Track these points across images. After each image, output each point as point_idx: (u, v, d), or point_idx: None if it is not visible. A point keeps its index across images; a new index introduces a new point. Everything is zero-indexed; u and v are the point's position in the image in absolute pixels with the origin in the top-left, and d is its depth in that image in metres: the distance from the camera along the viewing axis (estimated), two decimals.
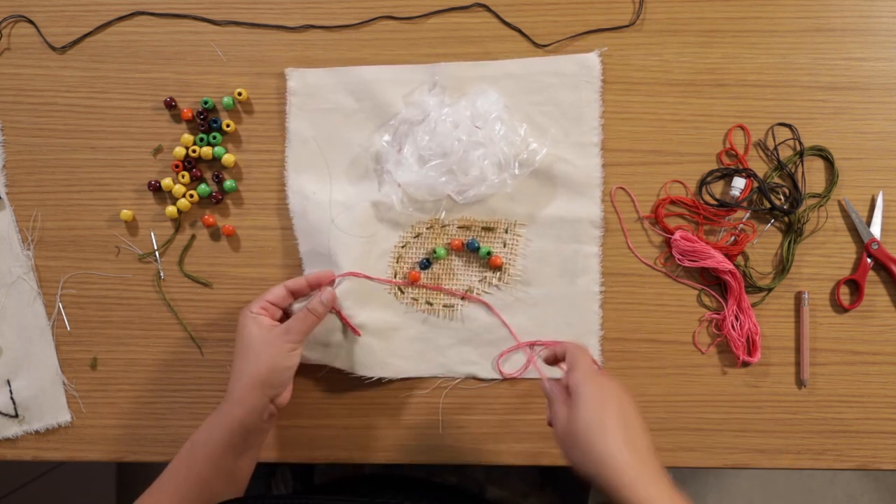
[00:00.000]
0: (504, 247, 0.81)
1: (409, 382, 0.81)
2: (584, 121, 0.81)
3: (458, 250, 0.81)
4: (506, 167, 0.78)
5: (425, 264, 0.81)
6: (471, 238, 0.81)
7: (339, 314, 0.77)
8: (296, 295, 0.74)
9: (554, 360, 0.69)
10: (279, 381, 0.70)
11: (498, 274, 0.81)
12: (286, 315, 0.75)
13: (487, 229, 0.81)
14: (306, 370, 0.80)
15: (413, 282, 0.80)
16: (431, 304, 0.81)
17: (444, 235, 0.81)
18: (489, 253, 0.80)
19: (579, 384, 0.61)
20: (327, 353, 0.79)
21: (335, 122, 0.82)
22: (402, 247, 0.81)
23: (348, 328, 0.77)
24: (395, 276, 0.81)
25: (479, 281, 0.81)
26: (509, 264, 0.81)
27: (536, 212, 0.80)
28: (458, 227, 0.81)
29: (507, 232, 0.81)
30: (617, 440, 0.58)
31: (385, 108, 0.81)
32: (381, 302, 0.80)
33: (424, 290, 0.81)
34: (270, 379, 0.69)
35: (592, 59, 0.81)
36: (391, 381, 0.80)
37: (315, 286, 0.75)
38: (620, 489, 0.56)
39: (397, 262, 0.81)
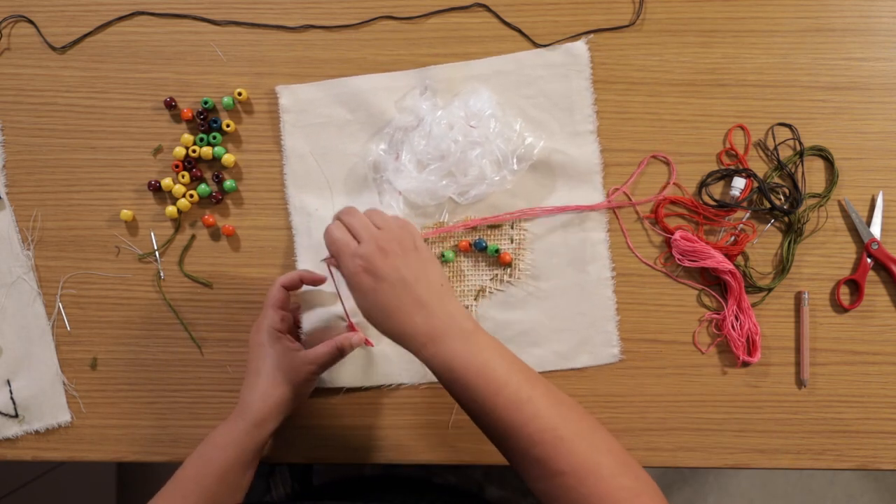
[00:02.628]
0: (511, 243, 0.81)
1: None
2: (576, 110, 0.81)
3: (465, 251, 0.81)
4: (504, 164, 0.78)
5: None
6: (477, 238, 0.81)
7: (351, 326, 0.77)
8: (292, 290, 0.75)
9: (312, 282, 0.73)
10: (298, 404, 0.72)
11: (508, 270, 0.81)
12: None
13: (493, 227, 0.81)
14: None
15: None
16: None
17: (451, 238, 0.81)
18: (497, 251, 0.80)
19: (346, 277, 0.63)
20: (343, 374, 0.79)
21: (330, 136, 0.81)
22: None
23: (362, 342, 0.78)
24: None
25: (491, 279, 0.81)
26: (518, 259, 0.81)
27: (539, 204, 0.80)
28: (464, 229, 0.81)
29: (512, 228, 0.81)
30: (402, 315, 0.61)
31: (378, 117, 0.81)
32: None
33: None
34: (293, 404, 0.71)
35: (580, 48, 0.81)
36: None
37: (308, 282, 0.75)
38: (421, 350, 0.61)
39: None
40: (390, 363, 0.80)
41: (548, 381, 0.62)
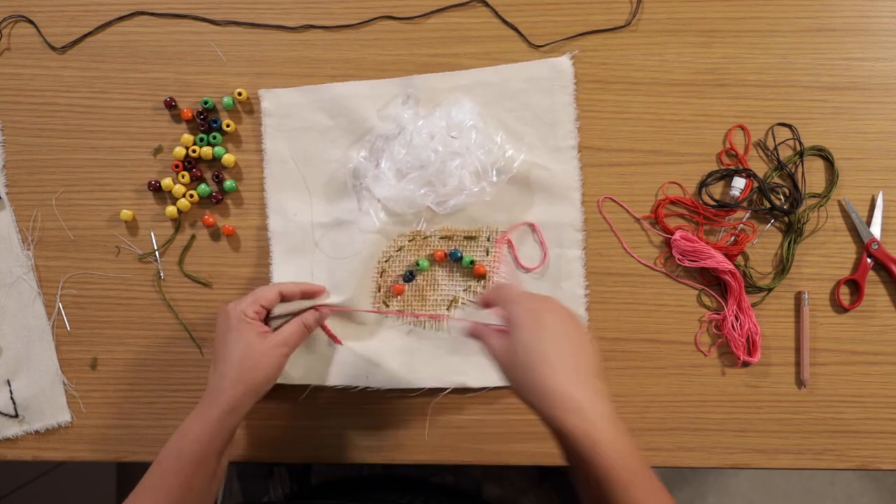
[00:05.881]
0: (487, 255, 0.81)
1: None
2: (559, 125, 0.80)
3: (441, 261, 0.81)
4: (483, 175, 0.78)
5: (409, 277, 0.80)
6: (453, 248, 0.80)
7: (322, 326, 0.78)
8: (287, 300, 0.74)
9: (487, 305, 0.64)
10: (268, 388, 0.71)
11: (482, 282, 0.81)
12: None
13: (469, 238, 0.81)
14: None
15: (398, 294, 0.80)
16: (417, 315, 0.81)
17: (427, 247, 0.81)
18: (472, 262, 0.80)
19: (512, 310, 0.57)
20: (310, 371, 0.79)
21: (311, 141, 0.81)
22: (386, 261, 0.81)
23: (331, 340, 0.78)
24: (378, 291, 0.81)
25: (464, 290, 0.81)
26: (493, 272, 0.81)
27: (517, 218, 0.80)
28: (440, 238, 0.81)
29: (488, 240, 0.81)
30: (560, 372, 0.54)
31: (360, 124, 0.80)
32: (365, 317, 0.80)
33: (410, 302, 0.81)
34: (264, 388, 0.70)
35: (564, 63, 0.81)
36: None
37: (309, 296, 0.75)
38: (574, 433, 0.53)
39: (381, 276, 0.81)
40: (355, 368, 0.79)
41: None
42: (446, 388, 0.80)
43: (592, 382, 0.55)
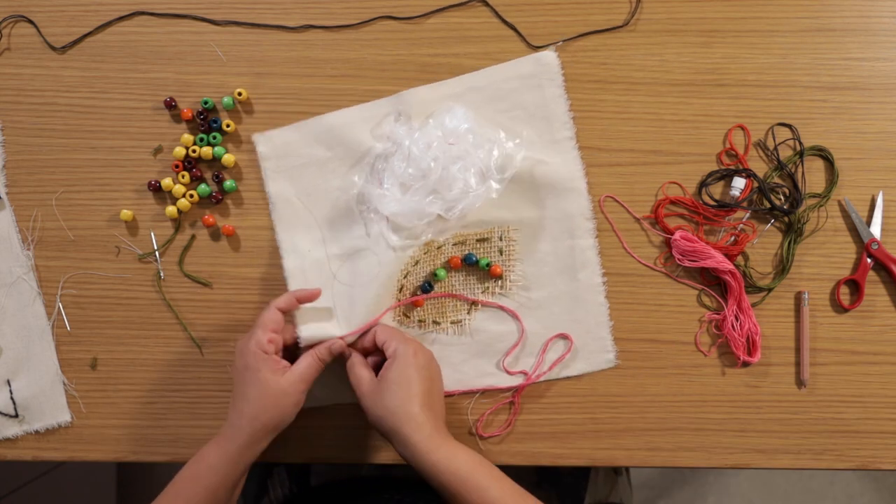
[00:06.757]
0: (501, 255, 0.81)
1: None
2: (553, 118, 0.80)
3: (457, 267, 0.81)
4: (487, 174, 0.78)
5: (427, 288, 0.80)
6: (467, 252, 0.80)
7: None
8: (286, 312, 0.74)
9: (366, 352, 0.76)
10: (286, 425, 0.72)
11: (500, 283, 0.81)
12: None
13: (482, 240, 0.81)
14: None
15: (417, 306, 0.80)
16: (439, 323, 0.81)
17: (441, 256, 0.81)
18: (488, 264, 0.80)
19: (398, 348, 0.71)
20: (337, 391, 0.80)
21: (312, 175, 0.81)
22: (404, 277, 0.81)
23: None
24: (398, 307, 0.80)
25: (483, 293, 0.81)
26: (509, 271, 0.81)
27: (526, 215, 0.80)
28: (454, 245, 0.81)
29: (501, 240, 0.81)
30: (419, 401, 0.69)
31: (356, 149, 0.80)
32: None
33: (431, 311, 0.81)
34: (282, 425, 0.71)
35: (549, 56, 0.81)
36: None
37: (303, 301, 0.75)
38: (414, 445, 0.67)
39: (400, 291, 0.80)
40: None
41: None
42: (475, 394, 0.81)
43: (435, 408, 0.71)
